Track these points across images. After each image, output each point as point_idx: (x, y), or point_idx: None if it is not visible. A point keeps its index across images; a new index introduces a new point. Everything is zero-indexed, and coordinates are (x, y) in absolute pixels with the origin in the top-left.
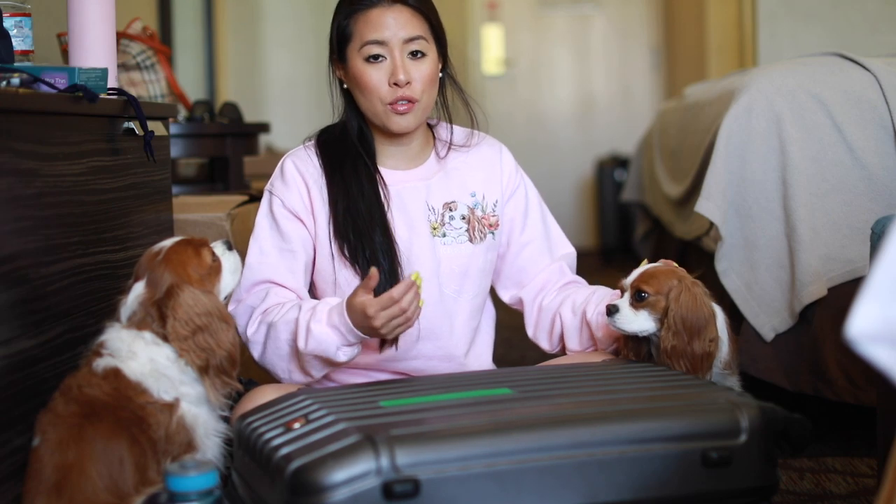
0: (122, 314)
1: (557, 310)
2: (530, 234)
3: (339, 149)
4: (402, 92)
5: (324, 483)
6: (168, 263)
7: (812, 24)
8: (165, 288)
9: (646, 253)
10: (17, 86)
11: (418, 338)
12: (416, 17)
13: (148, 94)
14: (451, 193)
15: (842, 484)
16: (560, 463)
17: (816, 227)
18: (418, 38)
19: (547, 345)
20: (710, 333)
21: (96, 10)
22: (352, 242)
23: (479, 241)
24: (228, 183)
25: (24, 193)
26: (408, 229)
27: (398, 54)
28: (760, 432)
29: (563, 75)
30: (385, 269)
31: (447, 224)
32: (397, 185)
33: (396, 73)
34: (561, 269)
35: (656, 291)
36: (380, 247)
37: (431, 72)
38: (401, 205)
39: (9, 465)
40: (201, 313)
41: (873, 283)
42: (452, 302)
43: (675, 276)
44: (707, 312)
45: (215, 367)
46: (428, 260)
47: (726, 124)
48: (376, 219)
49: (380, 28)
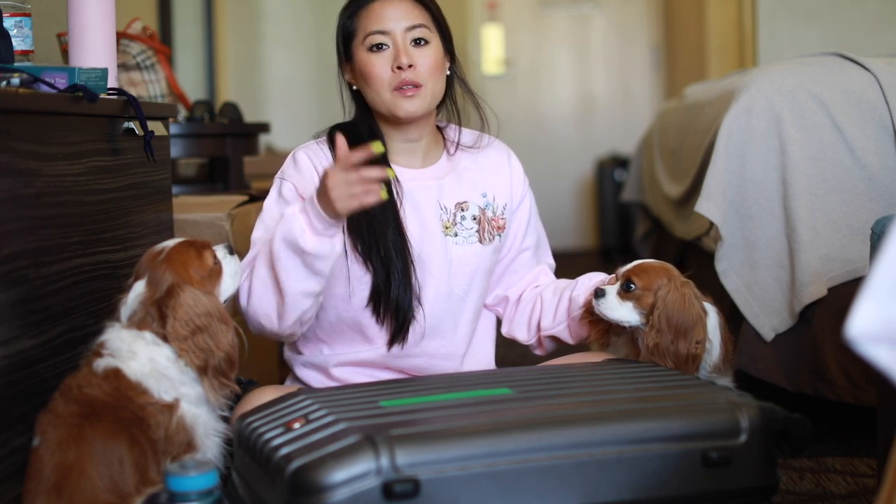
0: (123, 314)
1: (539, 295)
2: (529, 241)
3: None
4: (405, 75)
5: (324, 483)
6: (169, 263)
7: (812, 24)
8: (166, 287)
9: (646, 253)
10: (17, 86)
11: (423, 335)
12: (418, 8)
13: (148, 94)
14: (462, 193)
15: (842, 484)
16: (560, 463)
17: (816, 227)
18: (420, 27)
19: (524, 334)
20: (696, 335)
21: (96, 10)
22: (366, 239)
23: (489, 242)
24: (228, 183)
25: (24, 193)
26: (419, 227)
27: (401, 41)
28: (760, 432)
29: (563, 75)
30: (398, 268)
31: (459, 224)
32: (409, 182)
33: (399, 56)
34: (545, 271)
35: (645, 286)
36: (392, 244)
37: (436, 59)
38: (413, 203)
39: (9, 466)
40: (201, 314)
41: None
42: (460, 301)
43: (666, 274)
44: (695, 314)
45: (214, 368)
46: (440, 259)
47: (726, 124)
48: (389, 216)
49: (382, 19)
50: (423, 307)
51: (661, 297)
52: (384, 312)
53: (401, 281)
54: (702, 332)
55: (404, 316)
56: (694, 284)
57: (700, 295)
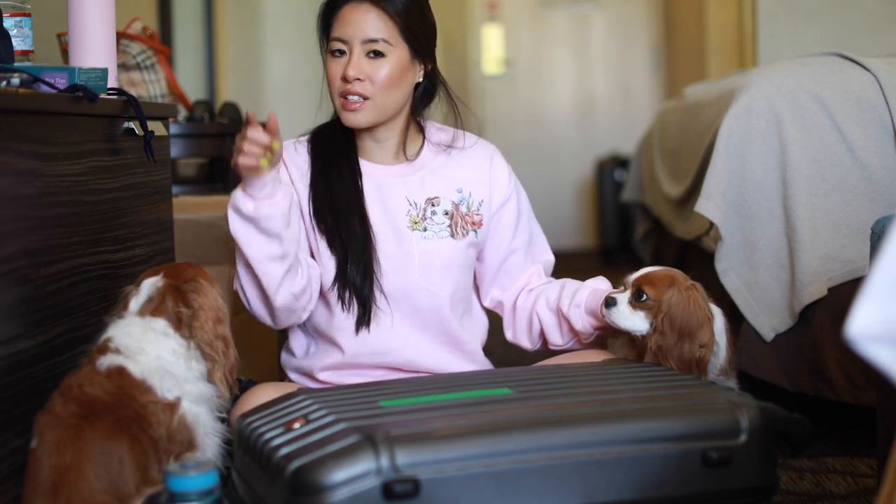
0: (133, 305)
1: (533, 308)
2: (519, 241)
3: (327, 139)
4: (348, 87)
5: (324, 483)
6: (193, 265)
7: (812, 24)
8: (191, 274)
9: (646, 253)
10: (17, 86)
11: (393, 325)
12: (383, 19)
13: (148, 94)
14: (434, 189)
15: (842, 484)
16: (560, 463)
17: (816, 227)
18: (378, 41)
19: (528, 343)
20: (702, 338)
21: (96, 10)
22: (329, 223)
23: (462, 236)
24: (228, 183)
25: (24, 193)
26: (385, 222)
27: (355, 51)
28: (760, 432)
29: (563, 75)
30: (356, 252)
31: (429, 219)
32: (378, 178)
33: (347, 68)
34: (538, 272)
35: (657, 296)
36: (355, 234)
37: (390, 74)
38: (380, 198)
39: (8, 467)
40: (223, 308)
41: (873, 283)
42: (432, 296)
43: (671, 281)
44: (700, 316)
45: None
46: (403, 253)
47: (726, 124)
48: (353, 204)
49: (344, 25)
50: (388, 296)
51: (665, 300)
52: (346, 295)
53: (358, 264)
54: (707, 335)
55: (364, 299)
56: (701, 287)
57: (707, 297)
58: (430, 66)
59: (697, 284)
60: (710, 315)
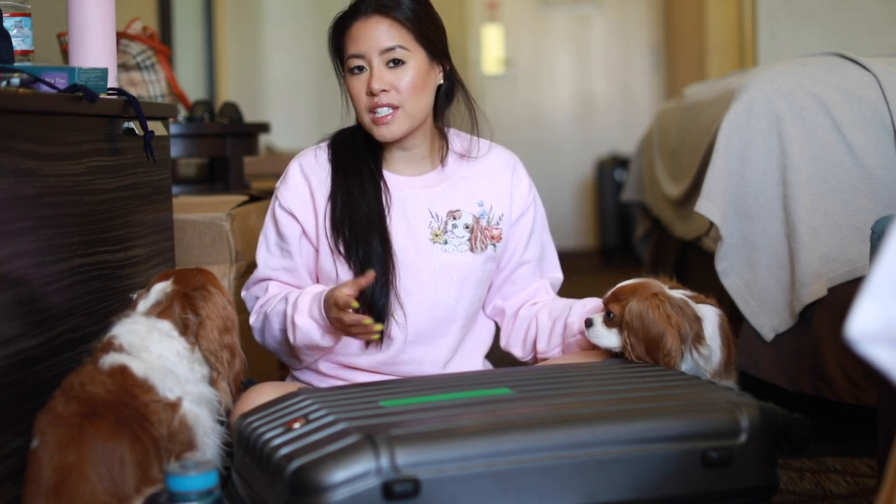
0: (141, 305)
1: (535, 316)
2: (530, 254)
3: (349, 149)
4: (376, 100)
5: (324, 483)
6: (203, 272)
7: (812, 24)
8: (201, 281)
9: (646, 253)
10: (17, 86)
11: (407, 340)
12: (395, 27)
13: (148, 94)
14: (456, 201)
15: (842, 484)
16: (560, 463)
17: (816, 227)
18: (395, 48)
19: (520, 351)
20: (664, 345)
21: (96, 10)
22: (347, 239)
23: (480, 251)
24: (228, 183)
25: (24, 193)
26: (406, 235)
27: (375, 64)
28: (760, 432)
29: (563, 75)
30: (376, 270)
31: (449, 232)
32: (401, 190)
33: (371, 82)
34: (545, 287)
35: (620, 311)
36: (373, 249)
37: (414, 79)
38: (402, 210)
39: (8, 467)
40: (230, 315)
41: (873, 283)
42: (450, 309)
43: (634, 293)
44: (659, 328)
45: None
46: (425, 266)
47: (726, 124)
48: (375, 224)
49: (358, 41)
50: (406, 312)
51: (626, 312)
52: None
53: (377, 285)
54: (670, 342)
55: (379, 316)
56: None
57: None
58: (448, 67)
59: (664, 292)
60: (678, 322)
